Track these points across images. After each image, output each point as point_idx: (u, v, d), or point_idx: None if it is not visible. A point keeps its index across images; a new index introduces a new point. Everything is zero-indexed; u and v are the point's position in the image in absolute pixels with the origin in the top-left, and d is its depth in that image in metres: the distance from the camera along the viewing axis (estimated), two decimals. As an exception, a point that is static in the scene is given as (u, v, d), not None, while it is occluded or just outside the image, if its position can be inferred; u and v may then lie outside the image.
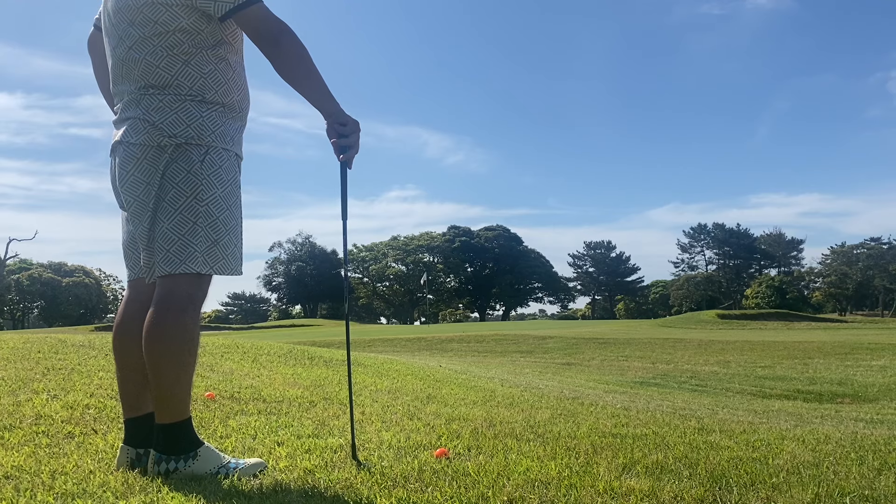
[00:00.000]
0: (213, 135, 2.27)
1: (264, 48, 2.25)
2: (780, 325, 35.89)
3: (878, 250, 78.00)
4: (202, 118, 2.26)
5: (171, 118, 2.24)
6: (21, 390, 3.52)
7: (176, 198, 2.22)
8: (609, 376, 12.36)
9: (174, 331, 2.18)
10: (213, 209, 2.24)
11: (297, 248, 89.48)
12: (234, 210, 2.29)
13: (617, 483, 2.25)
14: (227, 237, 2.26)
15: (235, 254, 2.29)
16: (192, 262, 2.21)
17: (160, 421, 2.21)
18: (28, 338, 6.34)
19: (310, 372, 5.77)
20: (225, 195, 2.27)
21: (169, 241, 2.22)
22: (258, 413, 3.41)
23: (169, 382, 2.19)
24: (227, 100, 2.33)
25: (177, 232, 2.21)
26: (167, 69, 2.26)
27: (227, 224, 2.27)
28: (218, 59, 2.31)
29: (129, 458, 2.29)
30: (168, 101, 2.26)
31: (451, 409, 3.99)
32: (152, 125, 2.25)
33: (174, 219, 2.22)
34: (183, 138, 2.23)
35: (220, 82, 2.31)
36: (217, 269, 2.25)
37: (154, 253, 2.25)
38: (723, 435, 3.43)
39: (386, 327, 51.77)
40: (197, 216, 2.22)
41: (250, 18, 2.24)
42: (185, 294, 2.22)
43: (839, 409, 8.05)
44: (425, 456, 2.55)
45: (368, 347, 19.25)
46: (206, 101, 2.28)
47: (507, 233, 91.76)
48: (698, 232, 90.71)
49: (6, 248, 63.96)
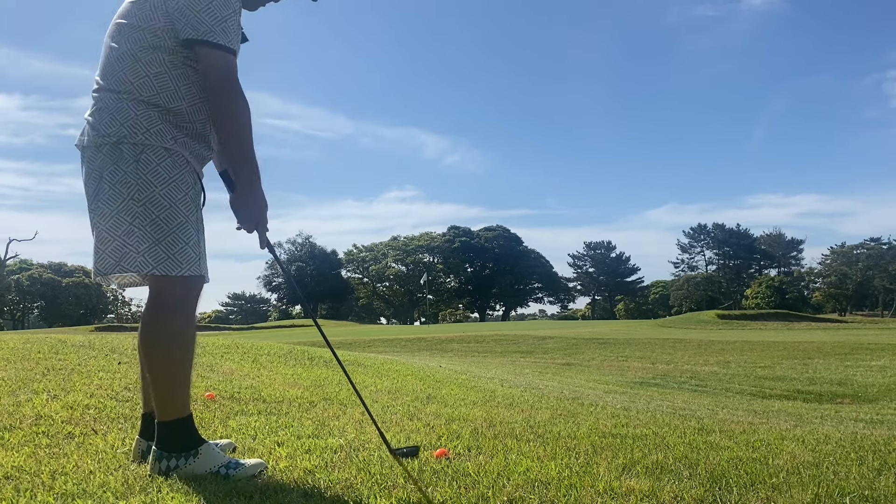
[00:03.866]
0: (148, 133, 2.20)
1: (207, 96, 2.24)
2: (780, 326, 35.88)
3: (878, 250, 78.00)
4: (136, 117, 2.21)
5: (106, 118, 2.23)
6: (21, 391, 3.52)
7: (113, 198, 2.19)
8: (609, 376, 12.36)
9: (164, 332, 2.21)
10: (151, 209, 2.18)
11: (297, 248, 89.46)
12: (180, 208, 2.21)
13: (617, 483, 2.25)
14: (170, 236, 2.18)
15: (186, 252, 2.20)
16: (127, 262, 2.17)
17: (160, 419, 2.23)
18: (28, 338, 6.34)
19: (310, 372, 5.77)
20: (166, 193, 2.19)
21: (105, 241, 2.20)
22: (258, 413, 3.41)
23: (165, 381, 2.22)
24: (172, 105, 2.25)
25: (113, 233, 2.18)
26: (118, 64, 2.25)
27: (171, 222, 2.19)
28: (174, 65, 2.25)
29: (141, 449, 2.36)
30: (109, 100, 2.25)
31: (451, 409, 3.99)
32: (91, 126, 2.26)
33: (111, 220, 2.19)
34: (115, 137, 2.20)
35: (168, 87, 2.24)
36: (161, 269, 2.18)
37: (96, 252, 2.23)
38: (723, 435, 3.43)
39: (386, 327, 51.77)
40: (133, 216, 2.17)
41: (207, 58, 2.20)
42: (175, 294, 2.22)
43: (839, 409, 8.05)
44: (425, 456, 2.55)
45: (368, 347, 19.24)
46: (143, 101, 2.23)
47: (507, 233, 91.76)
48: (698, 232, 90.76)
49: (6, 249, 64.02)
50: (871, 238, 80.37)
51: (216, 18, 2.19)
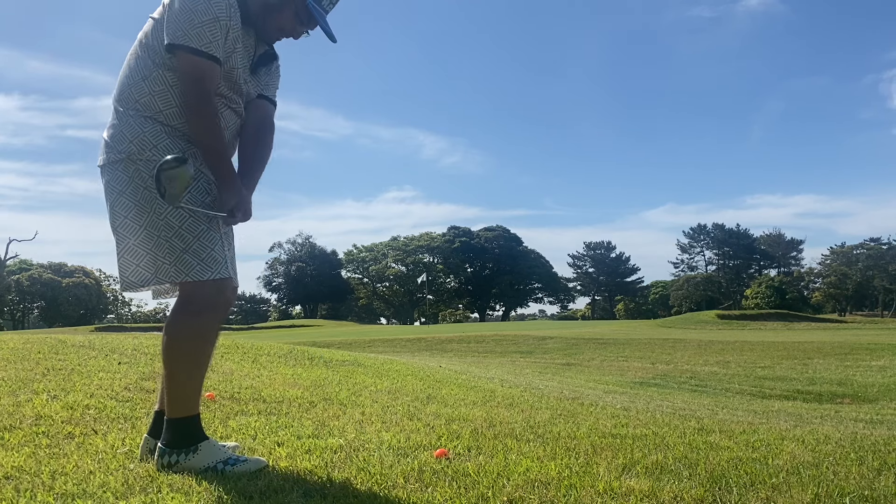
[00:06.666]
0: (156, 149, 2.29)
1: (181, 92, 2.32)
2: (780, 326, 35.88)
3: (878, 251, 77.98)
4: (143, 133, 2.31)
5: (118, 136, 2.34)
6: (21, 391, 3.52)
7: (138, 214, 2.28)
8: (609, 377, 12.35)
9: (188, 332, 2.30)
10: (172, 220, 2.27)
11: (296, 248, 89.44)
12: (199, 216, 2.31)
13: (617, 483, 2.26)
14: (196, 243, 2.29)
15: (213, 257, 2.30)
16: (163, 273, 2.28)
17: (170, 415, 2.30)
18: (28, 338, 6.34)
19: (310, 372, 5.77)
20: (184, 204, 2.28)
21: (138, 255, 2.30)
22: (258, 413, 3.41)
23: (181, 379, 2.30)
24: (175, 123, 2.34)
25: (144, 247, 2.28)
26: (127, 82, 2.37)
27: (194, 230, 2.29)
28: (174, 82, 2.33)
29: (149, 447, 2.40)
30: (120, 117, 2.36)
31: (451, 409, 3.99)
32: (106, 143, 2.37)
33: (140, 234, 2.28)
34: (126, 153, 2.30)
35: (170, 104, 2.33)
36: (193, 275, 2.27)
37: (126, 266, 2.32)
38: (722, 435, 3.43)
39: (386, 328, 51.76)
40: (159, 229, 2.27)
41: (181, 60, 2.29)
42: (203, 297, 2.30)
43: (839, 409, 8.04)
44: (425, 456, 2.55)
45: (368, 348, 19.23)
46: (150, 117, 2.33)
47: (506, 233, 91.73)
48: (698, 232, 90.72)
49: (6, 249, 63.99)
50: (870, 238, 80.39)
51: (191, 24, 2.27)
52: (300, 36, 2.55)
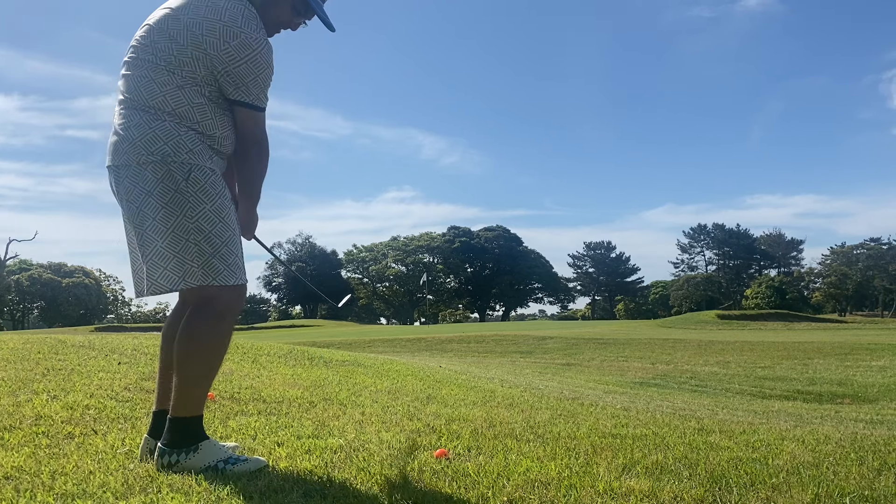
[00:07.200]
0: (192, 153, 2.31)
1: (243, 143, 2.45)
2: (780, 326, 35.88)
3: (878, 251, 77.98)
4: (180, 136, 2.31)
5: (148, 136, 2.30)
6: (21, 391, 3.52)
7: (166, 217, 2.28)
8: (609, 377, 12.35)
9: (209, 335, 2.32)
10: (203, 224, 2.29)
11: (297, 248, 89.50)
12: (227, 222, 2.34)
13: (617, 483, 2.26)
14: (224, 248, 2.32)
15: (237, 263, 2.35)
16: (190, 277, 2.28)
17: (175, 414, 2.29)
18: (28, 338, 6.34)
19: (310, 372, 5.77)
20: (215, 209, 2.32)
21: (165, 258, 2.29)
22: (258, 413, 3.41)
23: (194, 380, 2.31)
24: (209, 132, 2.37)
25: (171, 249, 2.28)
26: (160, 88, 2.32)
27: (223, 236, 2.32)
28: (210, 99, 2.36)
29: (150, 448, 2.39)
30: (147, 119, 2.32)
31: (451, 409, 3.99)
32: (130, 144, 2.31)
33: (167, 237, 2.28)
34: (160, 155, 2.28)
35: (207, 117, 2.36)
36: (220, 280, 2.30)
37: (153, 269, 2.31)
38: (722, 435, 3.43)
39: (386, 328, 51.76)
40: (188, 232, 2.27)
41: (252, 117, 2.40)
42: (224, 301, 2.33)
43: (839, 409, 8.04)
44: (425, 456, 2.55)
45: (368, 348, 19.23)
46: (185, 125, 2.33)
47: (506, 233, 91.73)
48: (698, 232, 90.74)
49: (6, 249, 64.04)
50: (870, 238, 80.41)
51: (262, 87, 2.37)
52: (298, 27, 2.56)
